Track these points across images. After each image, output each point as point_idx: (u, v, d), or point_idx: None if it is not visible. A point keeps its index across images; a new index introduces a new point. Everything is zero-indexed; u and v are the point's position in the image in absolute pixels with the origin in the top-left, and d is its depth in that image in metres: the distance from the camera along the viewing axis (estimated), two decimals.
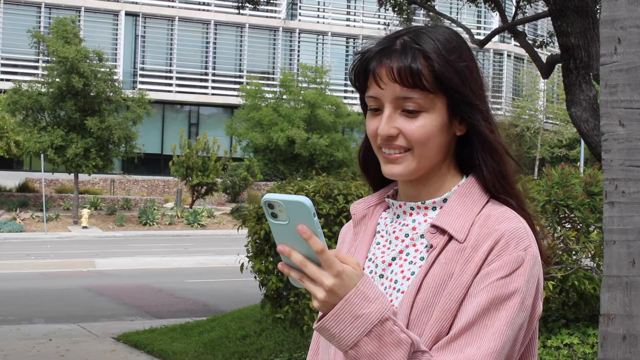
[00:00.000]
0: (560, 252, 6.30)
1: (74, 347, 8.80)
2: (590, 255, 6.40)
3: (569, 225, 6.46)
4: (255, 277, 7.11)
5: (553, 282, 6.38)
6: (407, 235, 1.55)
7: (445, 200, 1.55)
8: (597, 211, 6.13)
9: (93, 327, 10.22)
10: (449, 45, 1.51)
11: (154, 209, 29.98)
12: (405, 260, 1.53)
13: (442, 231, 1.50)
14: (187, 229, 28.85)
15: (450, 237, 1.48)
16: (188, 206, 32.26)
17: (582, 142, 20.94)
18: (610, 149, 3.76)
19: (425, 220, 1.55)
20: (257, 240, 6.89)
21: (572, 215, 6.35)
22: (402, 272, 1.52)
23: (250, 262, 6.99)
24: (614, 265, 3.73)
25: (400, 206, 1.58)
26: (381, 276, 1.55)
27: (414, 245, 1.54)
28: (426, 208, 1.56)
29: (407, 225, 1.57)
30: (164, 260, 17.79)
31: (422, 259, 1.51)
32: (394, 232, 1.58)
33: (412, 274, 1.50)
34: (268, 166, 33.55)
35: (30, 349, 8.63)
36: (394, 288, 1.51)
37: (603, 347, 3.76)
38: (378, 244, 1.60)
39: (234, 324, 9.44)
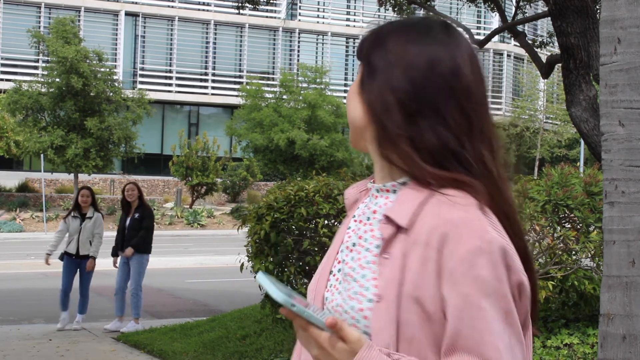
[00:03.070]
0: (560, 252, 6.30)
1: (73, 347, 8.79)
2: (590, 255, 6.40)
3: (569, 225, 6.46)
4: (255, 277, 7.11)
5: (553, 282, 6.38)
6: (368, 219, 1.51)
7: (405, 183, 1.48)
8: (597, 211, 6.13)
9: (93, 327, 10.21)
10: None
11: (154, 209, 29.99)
12: (363, 246, 1.48)
13: (391, 220, 1.43)
14: (187, 229, 28.86)
15: (399, 227, 1.42)
16: (188, 206, 32.26)
17: (582, 142, 20.95)
18: (610, 149, 3.76)
19: (386, 204, 1.49)
20: (257, 240, 6.89)
21: (572, 215, 6.35)
22: (359, 259, 1.47)
23: (250, 262, 6.99)
24: (613, 265, 3.73)
25: (371, 189, 1.55)
26: (343, 261, 1.51)
27: (372, 230, 1.48)
28: (387, 191, 1.50)
29: (369, 208, 1.52)
30: (164, 260, 17.77)
31: (377, 247, 1.45)
32: (362, 214, 1.54)
33: (367, 263, 1.45)
34: (268, 166, 33.56)
35: (30, 349, 8.63)
36: (352, 276, 1.46)
37: (603, 347, 3.76)
38: (349, 228, 1.56)
39: (234, 324, 9.44)
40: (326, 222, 6.55)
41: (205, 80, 40.62)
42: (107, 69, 30.32)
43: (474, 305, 1.33)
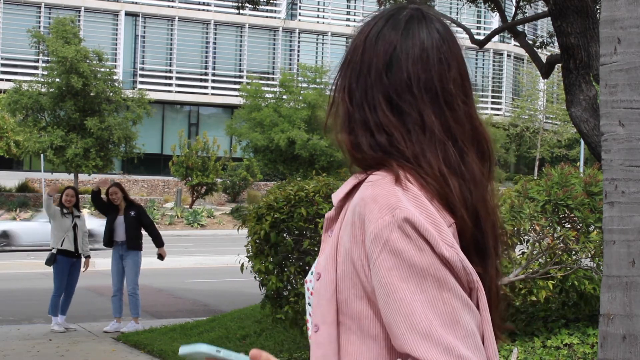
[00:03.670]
0: (560, 252, 6.30)
1: (74, 347, 8.80)
2: (590, 255, 6.40)
3: (569, 225, 6.46)
4: (255, 277, 7.11)
5: (553, 282, 6.38)
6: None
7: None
8: (597, 211, 6.13)
9: (93, 327, 10.21)
10: None
11: (154, 209, 29.96)
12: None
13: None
14: (187, 229, 28.84)
15: (339, 209, 1.46)
16: (188, 206, 32.25)
17: (582, 142, 20.96)
18: (610, 149, 3.76)
19: None
20: (257, 241, 6.89)
21: (572, 215, 6.35)
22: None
23: (250, 262, 6.99)
24: (614, 265, 3.73)
25: None
26: None
27: None
28: None
29: None
30: (164, 260, 17.76)
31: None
32: None
33: (324, 242, 1.49)
34: (268, 166, 33.58)
35: (30, 349, 8.63)
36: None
37: (603, 347, 3.76)
38: None
39: (234, 324, 9.44)
40: None
41: (205, 80, 40.62)
42: (107, 69, 30.32)
43: (398, 278, 1.30)
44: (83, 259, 10.32)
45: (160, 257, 10.37)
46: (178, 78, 40.05)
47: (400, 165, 1.39)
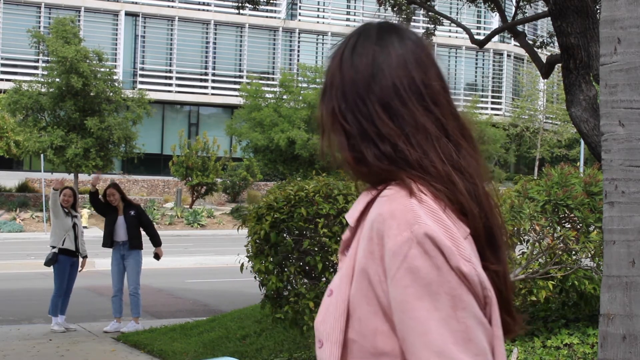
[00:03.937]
0: (560, 252, 6.30)
1: (73, 347, 8.80)
2: (590, 255, 6.40)
3: (569, 225, 6.46)
4: (255, 278, 7.11)
5: (553, 282, 6.38)
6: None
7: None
8: (597, 211, 6.13)
9: (93, 327, 10.22)
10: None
11: (154, 209, 29.96)
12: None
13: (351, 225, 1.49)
14: (187, 229, 28.83)
15: (354, 229, 1.48)
16: (188, 206, 32.25)
17: (582, 142, 20.96)
18: (610, 149, 3.76)
19: None
20: (257, 241, 6.89)
21: (572, 215, 6.35)
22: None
23: (250, 262, 6.99)
24: (613, 265, 3.73)
25: None
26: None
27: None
28: None
29: None
30: (164, 260, 17.72)
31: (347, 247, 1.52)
32: None
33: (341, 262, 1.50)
34: (268, 166, 33.57)
35: (30, 349, 8.63)
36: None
37: (603, 347, 3.76)
38: None
39: (234, 324, 9.44)
40: (326, 222, 6.55)
41: (205, 80, 40.61)
42: (107, 69, 30.31)
43: (414, 296, 1.33)
44: (80, 259, 10.34)
45: (157, 256, 10.37)
46: (178, 78, 40.05)
47: (410, 176, 1.41)
